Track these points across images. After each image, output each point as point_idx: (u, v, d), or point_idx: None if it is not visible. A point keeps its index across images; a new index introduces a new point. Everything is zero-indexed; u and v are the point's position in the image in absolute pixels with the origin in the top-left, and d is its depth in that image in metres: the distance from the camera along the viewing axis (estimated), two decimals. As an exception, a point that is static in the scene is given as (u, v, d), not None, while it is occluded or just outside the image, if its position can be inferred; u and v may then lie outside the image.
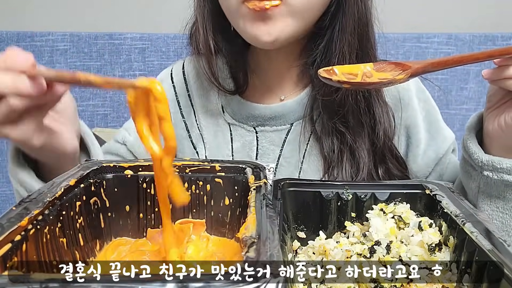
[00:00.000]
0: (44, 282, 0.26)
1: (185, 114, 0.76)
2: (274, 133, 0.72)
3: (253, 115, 0.72)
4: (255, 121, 0.72)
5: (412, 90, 0.73)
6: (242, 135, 0.73)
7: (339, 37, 0.64)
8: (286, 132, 0.72)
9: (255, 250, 0.31)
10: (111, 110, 1.39)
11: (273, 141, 0.72)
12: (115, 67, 1.36)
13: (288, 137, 0.71)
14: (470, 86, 1.39)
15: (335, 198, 0.50)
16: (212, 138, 0.74)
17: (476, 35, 1.36)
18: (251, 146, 0.72)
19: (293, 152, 0.71)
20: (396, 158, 0.69)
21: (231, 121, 0.74)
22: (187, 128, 0.76)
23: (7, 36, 1.33)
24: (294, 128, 0.71)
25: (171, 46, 1.36)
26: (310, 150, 0.70)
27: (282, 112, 0.71)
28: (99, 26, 1.37)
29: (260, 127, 0.72)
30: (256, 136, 0.72)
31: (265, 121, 0.72)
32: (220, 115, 0.74)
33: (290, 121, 0.71)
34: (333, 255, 0.46)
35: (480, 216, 0.43)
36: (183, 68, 0.78)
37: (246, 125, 0.73)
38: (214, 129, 0.74)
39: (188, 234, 0.47)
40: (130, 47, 1.35)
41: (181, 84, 0.77)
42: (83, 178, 0.46)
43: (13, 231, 0.34)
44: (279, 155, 0.71)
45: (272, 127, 0.72)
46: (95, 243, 0.47)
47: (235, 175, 0.49)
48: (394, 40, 1.36)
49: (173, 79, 0.78)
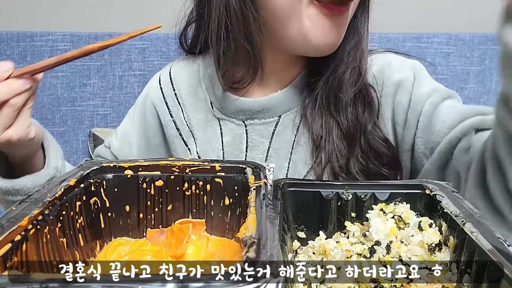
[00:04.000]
0: (44, 282, 0.26)
1: (173, 114, 0.78)
2: (263, 126, 0.73)
3: (241, 109, 0.73)
4: (243, 115, 0.73)
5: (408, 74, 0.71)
6: (231, 129, 0.74)
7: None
8: (274, 124, 0.72)
9: (255, 250, 0.31)
10: (111, 110, 1.39)
11: (262, 134, 0.73)
12: (115, 67, 1.36)
13: (276, 129, 0.72)
14: (470, 86, 1.39)
15: (335, 198, 0.50)
16: (202, 133, 0.76)
17: (476, 35, 1.36)
18: (241, 139, 0.73)
19: (282, 144, 0.72)
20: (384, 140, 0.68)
21: (220, 116, 0.75)
22: (176, 127, 0.77)
23: (7, 36, 1.33)
24: (282, 120, 0.72)
25: (171, 46, 1.36)
26: (298, 140, 0.71)
27: (270, 105, 0.72)
28: (99, 26, 1.37)
29: (249, 121, 0.73)
30: (246, 129, 0.73)
31: (254, 115, 0.73)
32: (209, 110, 0.76)
33: (278, 114, 0.72)
34: (333, 255, 0.46)
35: (480, 216, 0.43)
36: (170, 70, 0.81)
37: (235, 119, 0.74)
38: (204, 124, 0.76)
39: (188, 234, 0.47)
40: (130, 47, 1.35)
41: (167, 85, 0.79)
42: (83, 178, 0.46)
43: (13, 231, 0.34)
44: (268, 147, 0.72)
45: (260, 120, 0.73)
46: (95, 243, 0.47)
47: (235, 175, 0.49)
48: (394, 40, 1.36)
49: (160, 81, 0.80)
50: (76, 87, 1.37)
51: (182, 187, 0.50)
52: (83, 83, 1.37)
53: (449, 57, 1.37)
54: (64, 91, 1.36)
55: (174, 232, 0.47)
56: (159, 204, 0.50)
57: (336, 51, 0.67)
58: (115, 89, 1.37)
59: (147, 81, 0.82)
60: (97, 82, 1.37)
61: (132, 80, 1.37)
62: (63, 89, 1.36)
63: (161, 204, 0.50)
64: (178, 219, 0.50)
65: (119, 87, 1.37)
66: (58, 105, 1.37)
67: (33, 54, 1.34)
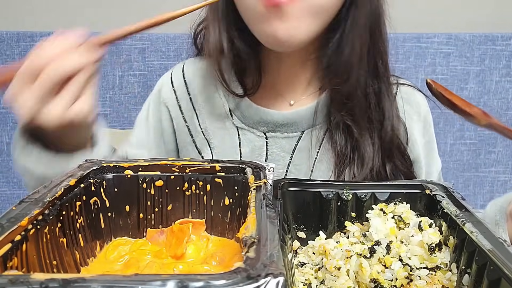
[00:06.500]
0: (44, 282, 0.26)
1: (187, 119, 0.74)
2: (285, 140, 0.71)
3: (264, 120, 0.70)
4: (266, 126, 0.71)
5: (422, 107, 0.75)
6: (251, 140, 0.72)
7: (351, 30, 0.63)
8: (297, 140, 0.71)
9: (255, 250, 0.31)
10: (111, 110, 1.39)
11: (283, 148, 0.71)
12: (115, 67, 1.36)
13: (298, 144, 0.70)
14: (470, 86, 1.39)
15: (335, 198, 0.50)
16: (219, 142, 0.72)
17: (476, 35, 1.37)
18: (261, 151, 0.71)
19: (302, 160, 0.70)
20: (403, 155, 0.69)
21: (240, 125, 0.72)
22: (190, 133, 0.74)
23: (7, 36, 1.33)
24: (305, 136, 0.70)
25: (171, 46, 1.36)
26: (320, 158, 0.70)
27: (294, 120, 0.70)
28: (99, 26, 1.37)
29: (270, 133, 0.71)
30: (266, 141, 0.71)
31: (276, 127, 0.71)
32: (228, 118, 0.72)
33: (301, 129, 0.70)
34: (333, 255, 0.46)
35: (480, 216, 0.43)
36: (183, 71, 0.76)
37: (256, 130, 0.71)
38: (221, 133, 0.73)
39: (188, 234, 0.47)
40: (130, 47, 1.35)
41: (181, 88, 0.75)
42: (83, 178, 0.46)
43: (13, 231, 0.34)
44: (289, 162, 0.71)
45: (283, 134, 0.71)
46: (95, 243, 0.47)
47: (235, 175, 0.49)
48: (394, 40, 1.36)
49: (173, 83, 0.76)
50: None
51: (182, 187, 0.50)
52: (83, 83, 1.37)
53: (449, 57, 1.37)
54: (64, 91, 1.36)
55: (174, 232, 0.47)
56: (159, 204, 0.50)
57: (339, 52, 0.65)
58: (115, 89, 1.37)
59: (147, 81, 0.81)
60: (97, 82, 1.37)
61: (132, 80, 1.37)
62: (63, 89, 1.36)
63: (161, 204, 0.50)
64: (178, 219, 0.50)
65: (119, 87, 1.37)
66: (58, 105, 1.37)
67: (33, 54, 1.34)
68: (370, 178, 0.66)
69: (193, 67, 0.77)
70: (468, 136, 1.39)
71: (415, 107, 0.74)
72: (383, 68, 0.69)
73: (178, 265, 0.43)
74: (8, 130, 1.35)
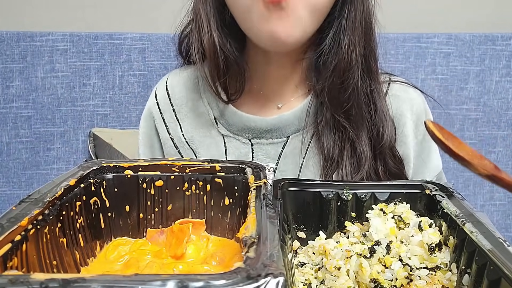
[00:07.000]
0: (44, 282, 0.26)
1: (171, 131, 0.74)
2: (270, 146, 0.70)
3: (248, 127, 0.70)
4: (250, 133, 0.70)
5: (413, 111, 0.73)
6: (237, 147, 0.71)
7: (348, 26, 0.63)
8: (282, 145, 0.70)
9: (255, 250, 0.31)
10: (111, 110, 1.39)
11: (268, 154, 0.70)
12: (115, 67, 1.36)
13: (284, 150, 0.70)
14: (470, 86, 1.39)
15: (335, 198, 0.50)
16: (204, 151, 0.72)
17: (476, 35, 1.37)
18: (247, 158, 0.71)
19: (288, 166, 0.70)
20: (394, 156, 0.69)
21: (225, 133, 0.72)
22: (175, 145, 0.74)
23: (7, 36, 1.33)
24: (290, 141, 0.70)
25: (171, 46, 1.36)
26: (306, 164, 0.69)
27: (279, 125, 0.69)
28: (99, 26, 1.37)
29: (255, 140, 0.71)
30: (252, 148, 0.71)
31: (261, 134, 0.70)
32: (213, 126, 0.72)
33: (286, 134, 0.70)
34: (333, 255, 0.46)
35: (480, 216, 0.43)
36: (166, 83, 0.77)
37: (241, 137, 0.71)
38: (207, 141, 0.73)
39: (188, 234, 0.47)
40: (130, 47, 1.35)
41: (164, 99, 0.75)
42: (83, 178, 0.46)
43: (13, 231, 0.34)
44: (275, 168, 0.70)
45: (268, 140, 0.70)
46: (95, 243, 0.47)
47: (235, 175, 0.49)
48: (394, 40, 1.36)
49: (157, 96, 0.76)
50: (76, 87, 1.37)
51: (182, 187, 0.50)
52: (83, 83, 1.37)
53: (449, 57, 1.37)
54: (64, 91, 1.36)
55: (174, 232, 0.47)
56: (159, 204, 0.50)
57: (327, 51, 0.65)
58: (115, 89, 1.37)
59: (147, 81, 0.81)
60: (97, 82, 1.37)
61: (132, 80, 1.37)
62: (63, 89, 1.36)
63: (161, 204, 0.50)
64: (178, 219, 0.50)
65: (119, 87, 1.37)
66: (58, 105, 1.37)
67: (33, 54, 1.34)
68: (364, 179, 0.66)
69: (177, 78, 0.77)
70: (468, 136, 1.39)
71: (408, 104, 0.73)
72: (375, 67, 0.69)
73: (178, 265, 0.43)
74: (8, 130, 1.35)
